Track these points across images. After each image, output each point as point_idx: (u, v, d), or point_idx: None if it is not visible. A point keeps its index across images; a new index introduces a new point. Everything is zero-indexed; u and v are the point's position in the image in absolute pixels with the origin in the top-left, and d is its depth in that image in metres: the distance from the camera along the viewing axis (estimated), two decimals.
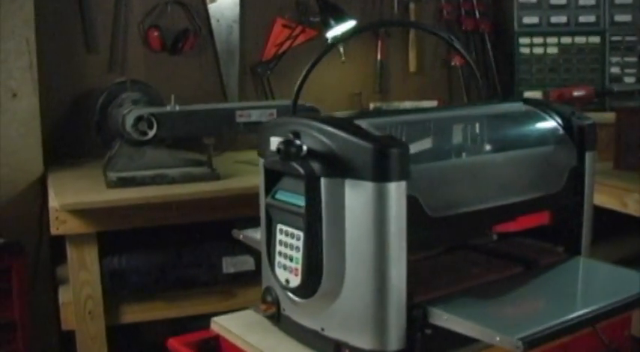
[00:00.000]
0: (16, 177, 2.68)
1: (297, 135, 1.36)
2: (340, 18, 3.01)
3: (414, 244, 1.32)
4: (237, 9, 3.15)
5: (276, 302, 1.50)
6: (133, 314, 2.47)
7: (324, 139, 1.32)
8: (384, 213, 1.27)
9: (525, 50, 3.33)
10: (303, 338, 1.46)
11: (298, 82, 1.59)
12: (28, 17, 2.66)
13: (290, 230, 1.38)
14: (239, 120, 2.43)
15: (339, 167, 1.30)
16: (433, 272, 1.52)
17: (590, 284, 1.58)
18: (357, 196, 1.29)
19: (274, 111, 2.46)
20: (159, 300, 2.48)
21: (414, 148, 1.45)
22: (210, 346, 1.59)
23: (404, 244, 1.30)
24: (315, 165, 1.32)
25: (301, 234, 1.35)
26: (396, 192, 1.27)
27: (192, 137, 2.51)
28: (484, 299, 1.40)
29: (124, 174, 2.42)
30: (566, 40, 3.29)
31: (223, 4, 3.12)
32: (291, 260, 1.38)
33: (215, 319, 1.62)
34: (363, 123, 1.36)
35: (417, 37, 3.45)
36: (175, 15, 3.04)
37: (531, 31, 3.32)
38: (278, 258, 1.41)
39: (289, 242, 1.38)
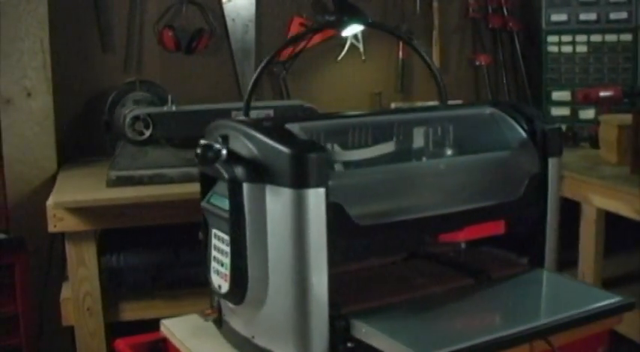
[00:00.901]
0: (30, 174, 2.73)
1: (225, 138, 1.34)
2: (355, 16, 2.97)
3: (342, 253, 1.30)
4: (252, 8, 3.14)
5: (219, 308, 1.49)
6: (132, 312, 2.49)
7: (248, 143, 1.31)
8: (303, 220, 1.25)
9: (553, 49, 3.22)
10: (238, 345, 1.44)
11: (252, 82, 1.56)
12: (42, 18, 2.71)
13: (221, 234, 1.36)
14: None
15: (260, 172, 1.28)
16: (373, 281, 1.48)
17: (538, 300, 1.49)
18: (276, 203, 1.27)
19: (271, 111, 2.45)
20: (158, 299, 2.49)
21: (349, 154, 1.43)
22: (159, 348, 1.60)
23: (324, 253, 1.26)
24: (238, 170, 1.30)
25: (228, 238, 1.34)
26: (315, 199, 1.24)
27: (189, 137, 2.51)
28: (416, 313, 1.35)
29: (123, 173, 2.44)
30: (596, 38, 3.17)
31: (239, 3, 3.11)
32: (222, 265, 1.37)
33: (164, 322, 1.61)
34: (294, 128, 1.34)
35: (440, 35, 3.37)
36: (190, 15, 3.05)
37: (560, 29, 3.20)
38: (213, 263, 1.40)
39: (221, 247, 1.37)
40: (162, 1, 3.02)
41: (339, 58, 3.24)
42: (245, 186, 1.29)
